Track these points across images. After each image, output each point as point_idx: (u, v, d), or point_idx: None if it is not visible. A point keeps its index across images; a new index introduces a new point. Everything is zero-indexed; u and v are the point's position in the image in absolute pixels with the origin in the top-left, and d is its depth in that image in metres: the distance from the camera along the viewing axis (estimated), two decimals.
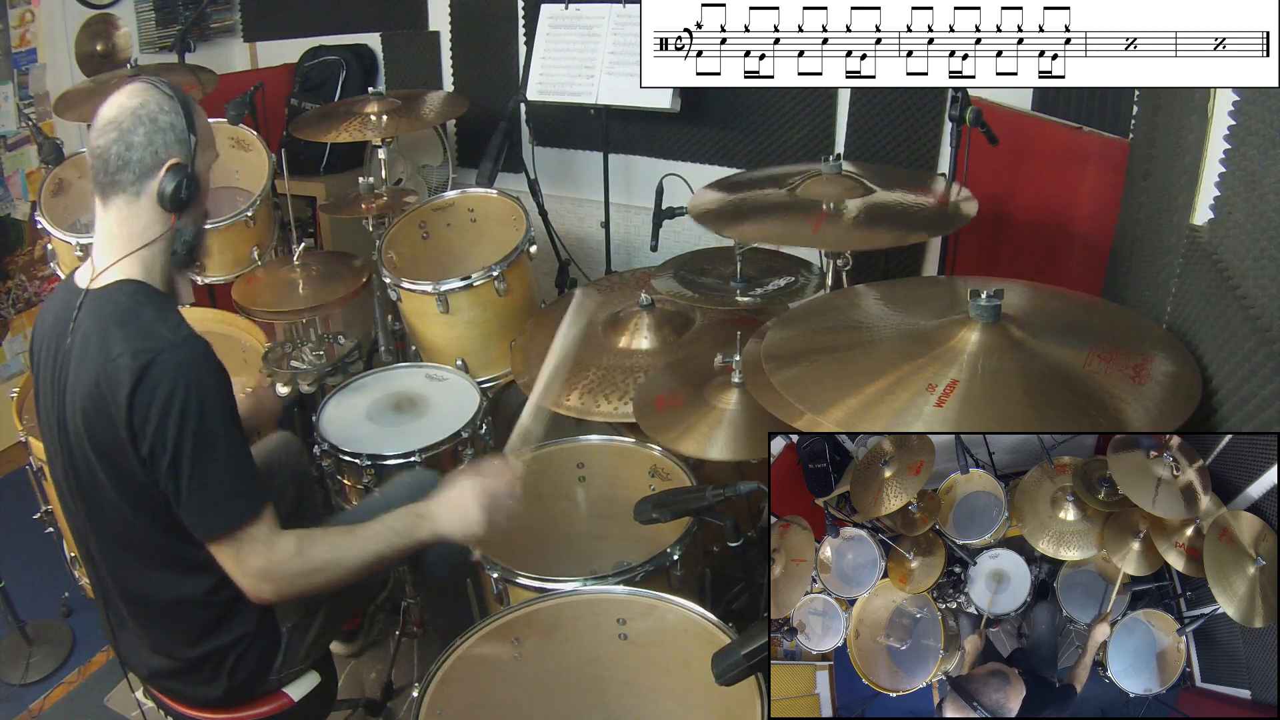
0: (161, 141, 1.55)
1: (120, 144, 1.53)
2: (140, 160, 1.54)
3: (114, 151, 1.53)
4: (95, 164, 1.56)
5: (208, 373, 1.51)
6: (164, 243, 1.60)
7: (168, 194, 1.55)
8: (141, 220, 1.57)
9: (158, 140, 1.54)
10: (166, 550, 1.58)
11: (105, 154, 1.54)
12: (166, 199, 1.55)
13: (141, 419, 1.46)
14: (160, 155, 1.55)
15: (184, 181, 1.55)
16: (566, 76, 3.14)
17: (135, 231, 1.57)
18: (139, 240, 1.57)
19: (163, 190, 1.55)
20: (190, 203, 1.59)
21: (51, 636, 2.74)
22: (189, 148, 1.57)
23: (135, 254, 1.56)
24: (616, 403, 2.20)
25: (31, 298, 3.60)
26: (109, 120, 1.55)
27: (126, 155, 1.53)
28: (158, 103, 1.56)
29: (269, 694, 1.75)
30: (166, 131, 1.55)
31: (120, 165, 1.54)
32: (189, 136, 1.57)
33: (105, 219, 1.59)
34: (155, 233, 1.58)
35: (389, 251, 2.77)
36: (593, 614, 1.73)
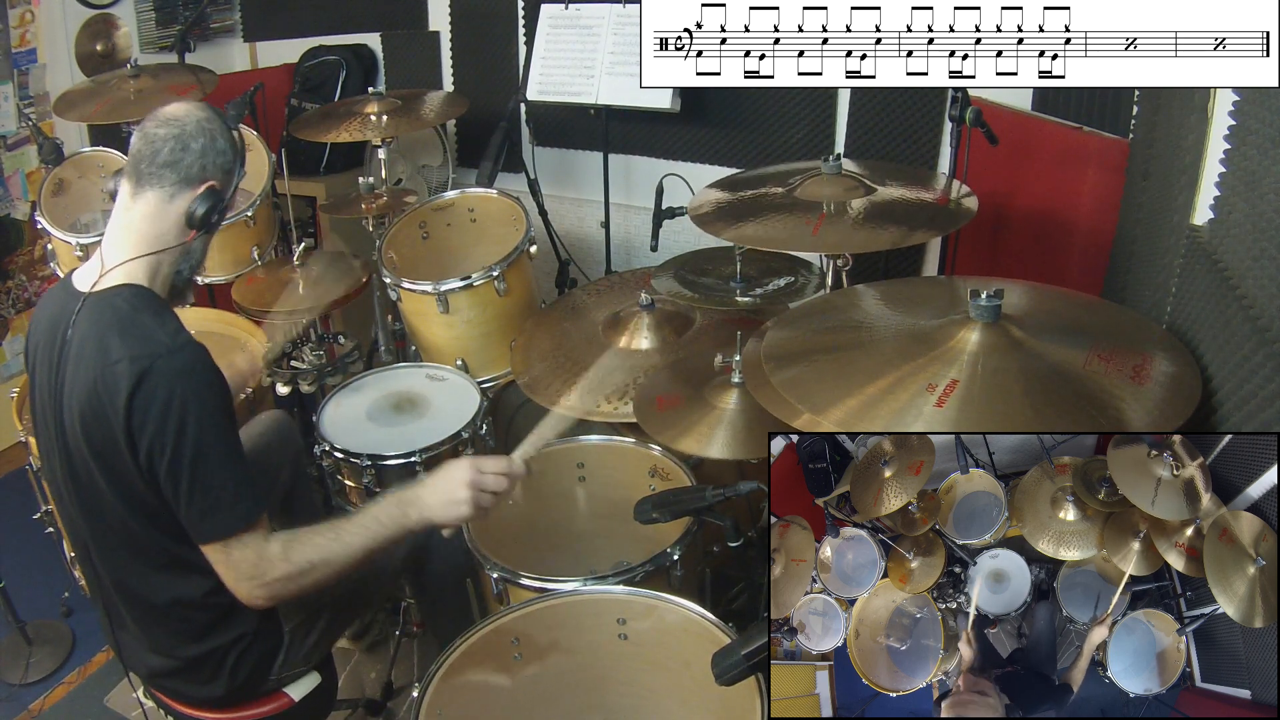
0: (213, 161, 1.61)
1: (178, 142, 1.58)
2: (189, 167, 1.58)
3: (170, 146, 1.58)
4: (144, 149, 1.58)
5: (205, 379, 1.52)
6: (175, 255, 1.62)
7: (199, 214, 1.60)
8: (165, 224, 1.59)
9: (210, 157, 1.60)
10: (164, 552, 1.58)
11: (160, 144, 1.58)
12: (197, 218, 1.60)
13: (139, 424, 1.47)
14: (207, 172, 1.60)
15: (216, 206, 1.61)
16: (566, 76, 3.14)
17: (156, 233, 1.59)
18: (156, 243, 1.59)
19: (195, 208, 1.60)
20: (213, 229, 1.65)
21: (51, 636, 2.74)
22: (232, 180, 1.65)
23: (145, 259, 1.58)
24: (616, 403, 2.20)
25: (31, 298, 3.60)
26: (174, 117, 1.60)
27: (180, 156, 1.58)
28: (220, 128, 1.64)
29: (269, 694, 1.75)
30: (220, 155, 1.62)
31: (171, 162, 1.57)
32: (236, 169, 1.66)
33: (130, 209, 1.60)
34: (171, 241, 1.60)
35: (389, 251, 2.77)
36: (593, 614, 1.73)
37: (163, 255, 1.59)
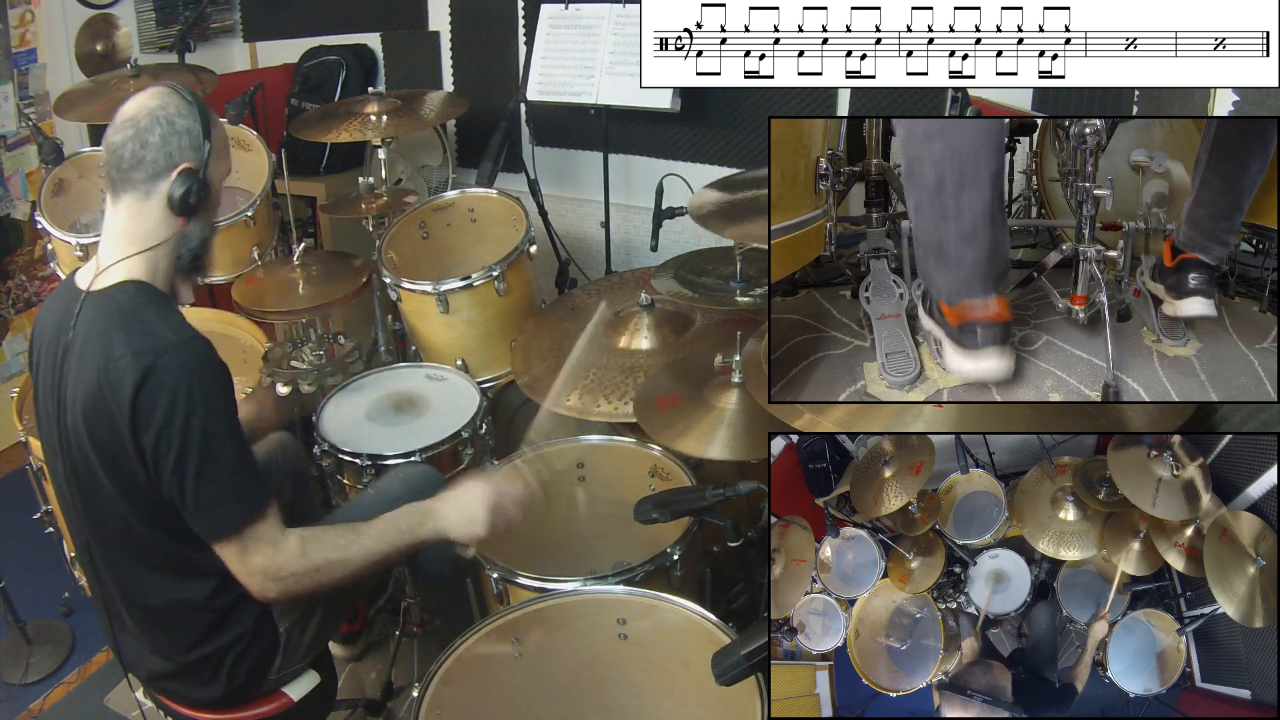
0: (176, 145, 1.57)
1: (136, 142, 1.56)
2: (154, 161, 1.56)
3: (129, 149, 1.55)
4: (110, 159, 1.57)
5: (210, 374, 1.52)
6: (170, 246, 1.60)
7: (177, 198, 1.56)
8: (149, 220, 1.58)
9: (173, 143, 1.56)
10: (165, 552, 1.58)
11: (121, 150, 1.56)
12: (175, 202, 1.57)
13: (145, 420, 1.46)
14: (174, 158, 1.57)
15: (194, 186, 1.57)
16: (566, 76, 3.14)
17: (142, 231, 1.58)
18: (145, 241, 1.58)
19: (173, 193, 1.57)
20: (199, 209, 1.60)
21: (51, 636, 2.74)
22: (203, 155, 1.59)
23: (137, 255, 1.57)
24: (616, 403, 2.20)
25: (31, 298, 3.60)
26: (128, 118, 1.57)
27: (141, 154, 1.55)
28: (177, 106, 1.58)
29: (268, 694, 1.75)
30: (182, 135, 1.57)
31: (134, 163, 1.56)
32: (204, 143, 1.59)
33: (114, 215, 1.60)
34: (162, 235, 1.59)
35: (389, 251, 2.77)
36: (593, 614, 1.73)
37: (159, 249, 1.58)
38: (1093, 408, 1.37)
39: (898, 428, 1.37)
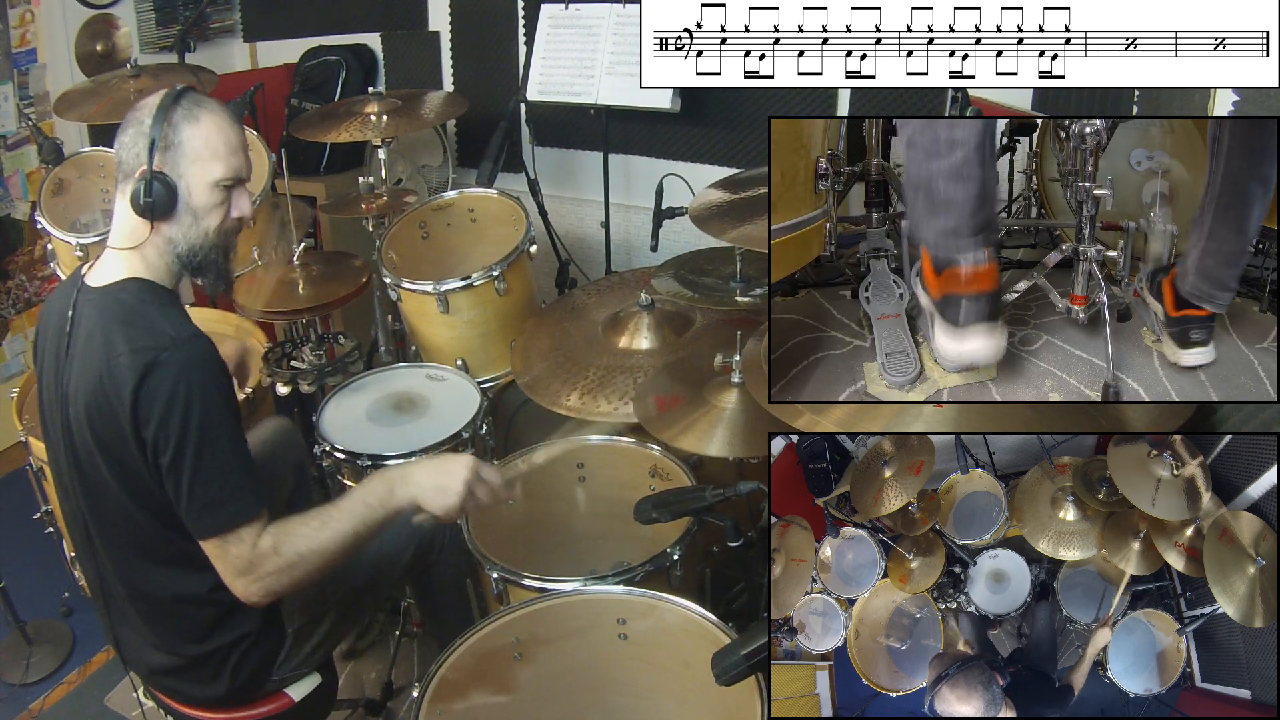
0: (143, 147, 1.56)
1: (118, 143, 1.59)
2: (124, 162, 1.58)
3: (114, 149, 1.60)
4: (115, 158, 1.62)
5: (211, 372, 1.52)
6: (157, 246, 1.60)
7: (138, 200, 1.55)
8: (131, 220, 1.59)
9: (140, 144, 1.56)
10: (169, 546, 1.58)
11: (117, 150, 1.60)
12: (137, 205, 1.56)
13: (145, 416, 1.47)
14: (140, 159, 1.56)
15: (147, 188, 1.54)
16: (566, 77, 3.14)
17: (127, 230, 1.60)
18: (130, 240, 1.59)
19: (135, 195, 1.56)
20: (166, 211, 1.57)
21: (51, 636, 2.74)
22: (154, 156, 1.55)
23: (133, 252, 1.59)
24: (616, 403, 2.20)
25: (31, 298, 3.60)
26: (126, 118, 1.60)
27: (119, 155, 1.59)
28: (151, 108, 1.58)
29: (270, 694, 1.75)
30: (146, 136, 1.56)
31: (118, 163, 1.59)
32: (158, 146, 1.55)
33: (114, 213, 1.63)
34: (139, 237, 1.58)
35: (389, 251, 2.77)
36: (593, 614, 1.73)
37: (147, 249, 1.59)
38: (1093, 408, 1.37)
39: (898, 428, 1.37)
